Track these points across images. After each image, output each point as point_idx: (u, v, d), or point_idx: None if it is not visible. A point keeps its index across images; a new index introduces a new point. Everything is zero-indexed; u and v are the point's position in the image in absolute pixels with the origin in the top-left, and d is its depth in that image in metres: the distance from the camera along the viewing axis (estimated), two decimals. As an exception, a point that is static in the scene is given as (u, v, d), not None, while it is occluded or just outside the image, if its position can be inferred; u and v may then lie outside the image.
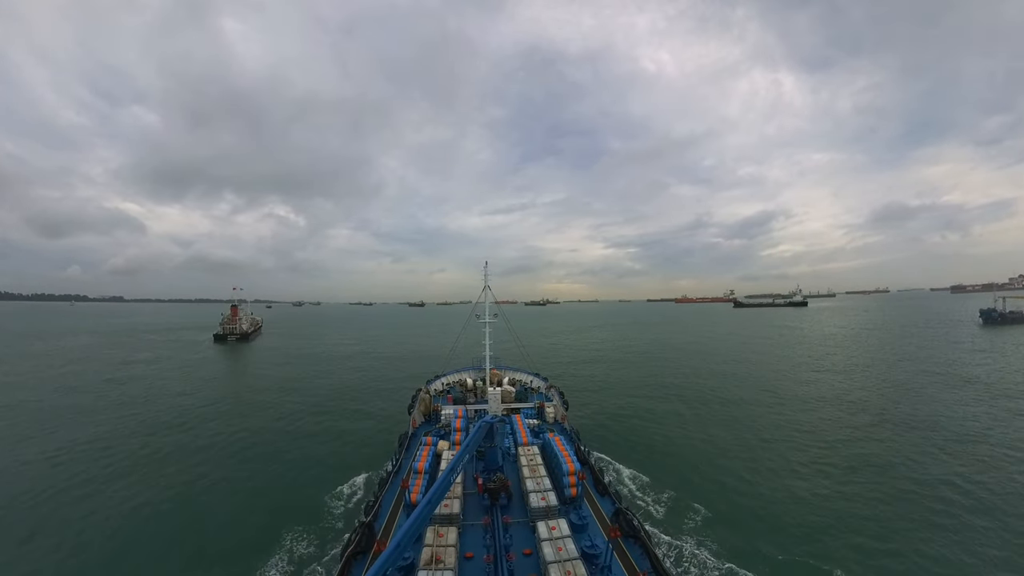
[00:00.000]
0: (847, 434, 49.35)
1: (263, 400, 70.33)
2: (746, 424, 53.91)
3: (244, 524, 32.28)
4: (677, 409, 62.09)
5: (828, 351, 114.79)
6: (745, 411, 60.09)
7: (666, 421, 56.60)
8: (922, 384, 71.42)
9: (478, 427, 26.53)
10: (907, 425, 51.20)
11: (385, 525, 25.43)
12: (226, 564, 27.67)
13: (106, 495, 36.52)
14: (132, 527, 31.89)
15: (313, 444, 49.10)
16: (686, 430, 52.65)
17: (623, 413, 60.75)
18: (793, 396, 67.44)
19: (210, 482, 39.29)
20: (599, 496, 28.36)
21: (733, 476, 39.38)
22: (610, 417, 58.79)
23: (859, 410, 58.45)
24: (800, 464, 41.54)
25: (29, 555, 28.45)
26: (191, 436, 51.72)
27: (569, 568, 18.80)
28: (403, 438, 38.37)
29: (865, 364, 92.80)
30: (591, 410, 61.98)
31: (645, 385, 79.01)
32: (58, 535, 30.63)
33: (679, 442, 48.66)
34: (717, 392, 71.34)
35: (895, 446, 45.08)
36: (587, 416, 58.13)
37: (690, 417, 58.06)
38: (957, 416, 53.52)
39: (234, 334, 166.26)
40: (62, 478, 39.62)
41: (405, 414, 46.69)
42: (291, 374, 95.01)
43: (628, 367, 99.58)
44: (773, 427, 52.29)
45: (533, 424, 39.59)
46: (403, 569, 19.98)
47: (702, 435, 50.58)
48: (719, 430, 52.11)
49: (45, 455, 45.01)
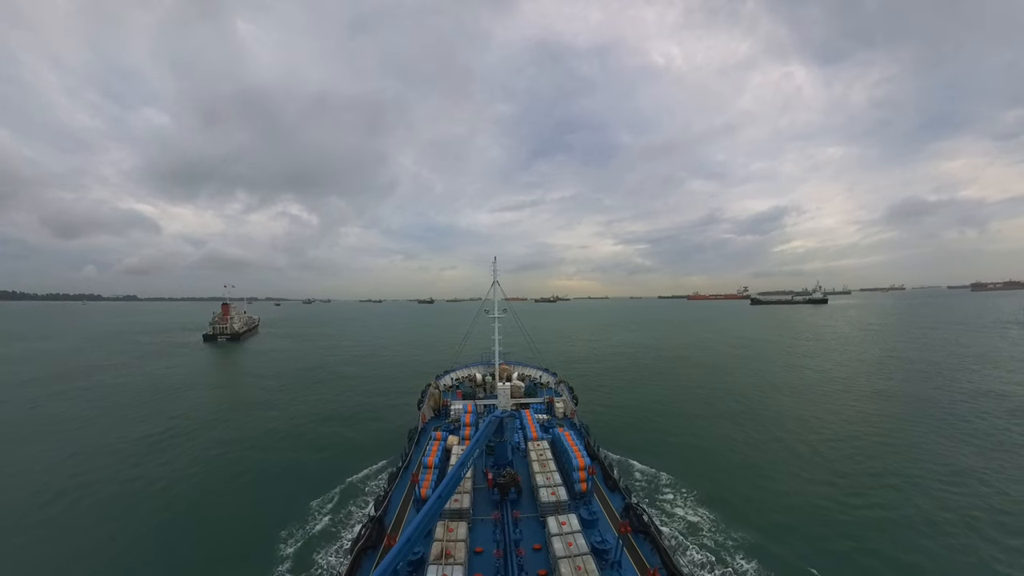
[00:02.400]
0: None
1: (233, 419, 58.51)
2: (793, 432, 49.44)
3: (254, 521, 32.63)
4: (700, 412, 60.38)
5: (888, 354, 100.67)
6: (783, 415, 56.53)
7: (694, 425, 54.42)
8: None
9: (488, 422, 26.49)
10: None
11: (395, 520, 25.58)
12: (238, 561, 27.92)
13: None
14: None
15: (307, 454, 45.22)
16: (709, 432, 51.26)
17: (634, 408, 60.06)
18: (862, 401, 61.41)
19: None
20: (609, 491, 28.22)
21: (751, 479, 38.60)
22: (621, 412, 58.20)
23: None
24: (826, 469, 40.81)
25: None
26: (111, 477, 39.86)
27: (579, 563, 18.70)
28: (413, 433, 38.57)
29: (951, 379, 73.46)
30: (601, 405, 61.33)
31: (673, 389, 72.36)
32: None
33: (697, 441, 47.90)
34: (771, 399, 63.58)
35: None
36: (597, 411, 57.51)
37: (720, 421, 55.86)
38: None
39: (224, 334, 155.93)
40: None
41: (414, 409, 46.88)
42: (275, 384, 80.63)
43: (668, 379, 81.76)
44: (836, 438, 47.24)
45: (543, 419, 39.51)
46: (413, 564, 20.06)
47: (720, 435, 49.58)
48: (737, 430, 51.25)
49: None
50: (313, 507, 33.43)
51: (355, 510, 32.88)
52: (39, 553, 28.88)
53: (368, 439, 49.33)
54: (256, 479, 39.54)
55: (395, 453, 38.80)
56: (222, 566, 27.30)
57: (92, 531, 31.18)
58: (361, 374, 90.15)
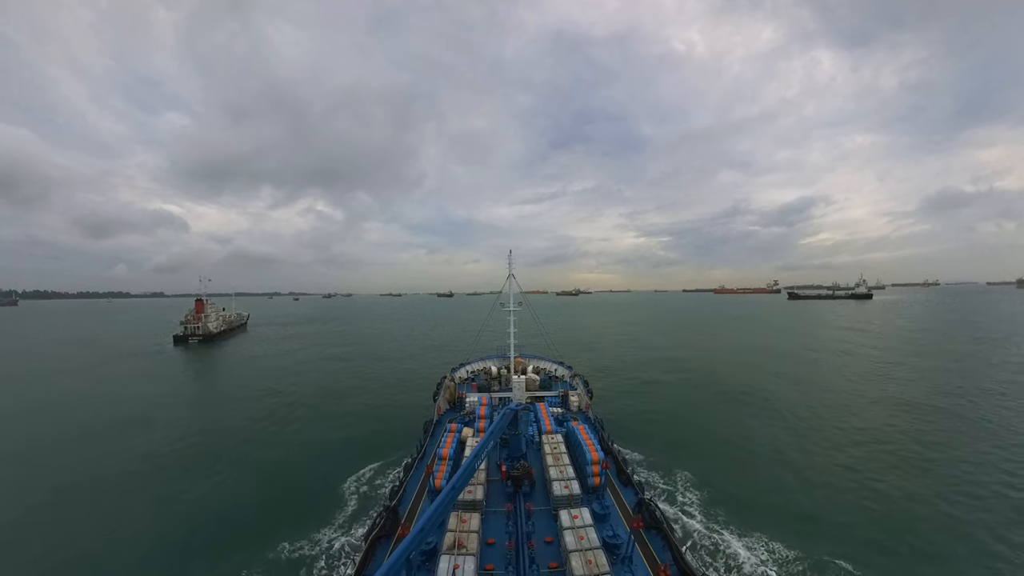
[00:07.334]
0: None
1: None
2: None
3: (272, 506, 33.64)
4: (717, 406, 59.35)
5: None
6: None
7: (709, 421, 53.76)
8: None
9: (502, 415, 26.61)
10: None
11: (409, 510, 26.02)
12: (250, 549, 28.41)
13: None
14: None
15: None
16: (722, 429, 50.42)
17: (650, 404, 59.16)
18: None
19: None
20: (622, 486, 28.10)
21: (770, 478, 37.71)
22: (636, 408, 57.37)
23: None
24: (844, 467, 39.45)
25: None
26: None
27: (590, 557, 18.71)
28: (428, 425, 39.07)
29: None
30: (616, 400, 60.54)
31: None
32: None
33: (711, 440, 47.09)
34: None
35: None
36: (612, 405, 56.76)
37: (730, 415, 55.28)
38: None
39: (196, 335, 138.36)
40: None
41: (430, 401, 47.41)
42: (230, 412, 58.53)
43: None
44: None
45: (557, 412, 39.48)
46: (426, 553, 20.38)
47: (739, 435, 48.56)
48: (757, 429, 50.26)
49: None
50: (329, 496, 34.23)
51: (370, 499, 33.52)
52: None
53: (376, 440, 49.84)
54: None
55: (410, 445, 39.39)
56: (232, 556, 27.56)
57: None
58: (333, 399, 64.59)
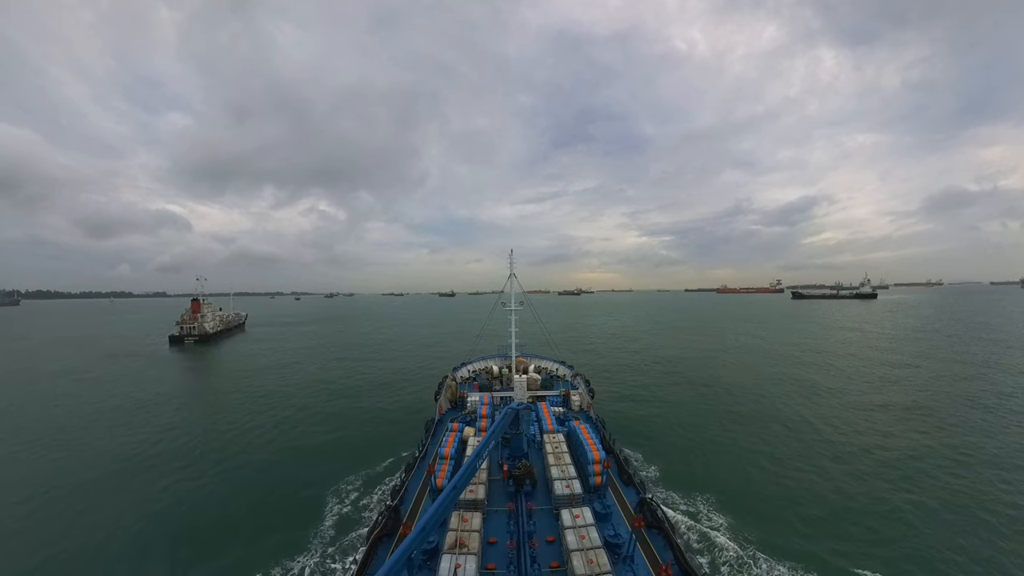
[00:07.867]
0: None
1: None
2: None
3: (272, 507, 33.83)
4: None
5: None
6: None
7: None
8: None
9: (504, 414, 26.61)
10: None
11: (411, 509, 26.04)
12: (255, 547, 28.74)
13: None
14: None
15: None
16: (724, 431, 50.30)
17: (651, 404, 59.33)
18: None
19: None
20: (624, 485, 28.08)
21: (768, 479, 37.82)
22: (637, 407, 57.53)
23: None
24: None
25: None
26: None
27: (592, 557, 18.70)
28: (429, 424, 39.06)
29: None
30: (617, 399, 60.82)
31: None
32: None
33: (713, 441, 47.06)
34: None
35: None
36: (614, 405, 57.04)
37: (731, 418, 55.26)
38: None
39: (192, 335, 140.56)
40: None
41: (431, 400, 47.43)
42: (226, 416, 56.92)
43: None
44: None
45: (559, 412, 39.45)
46: (427, 552, 20.39)
47: (743, 436, 48.55)
48: (763, 434, 50.16)
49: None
50: (331, 495, 34.41)
51: (372, 499, 33.61)
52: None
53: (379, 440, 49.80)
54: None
55: (412, 444, 39.40)
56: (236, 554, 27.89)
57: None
58: (333, 399, 65.21)
